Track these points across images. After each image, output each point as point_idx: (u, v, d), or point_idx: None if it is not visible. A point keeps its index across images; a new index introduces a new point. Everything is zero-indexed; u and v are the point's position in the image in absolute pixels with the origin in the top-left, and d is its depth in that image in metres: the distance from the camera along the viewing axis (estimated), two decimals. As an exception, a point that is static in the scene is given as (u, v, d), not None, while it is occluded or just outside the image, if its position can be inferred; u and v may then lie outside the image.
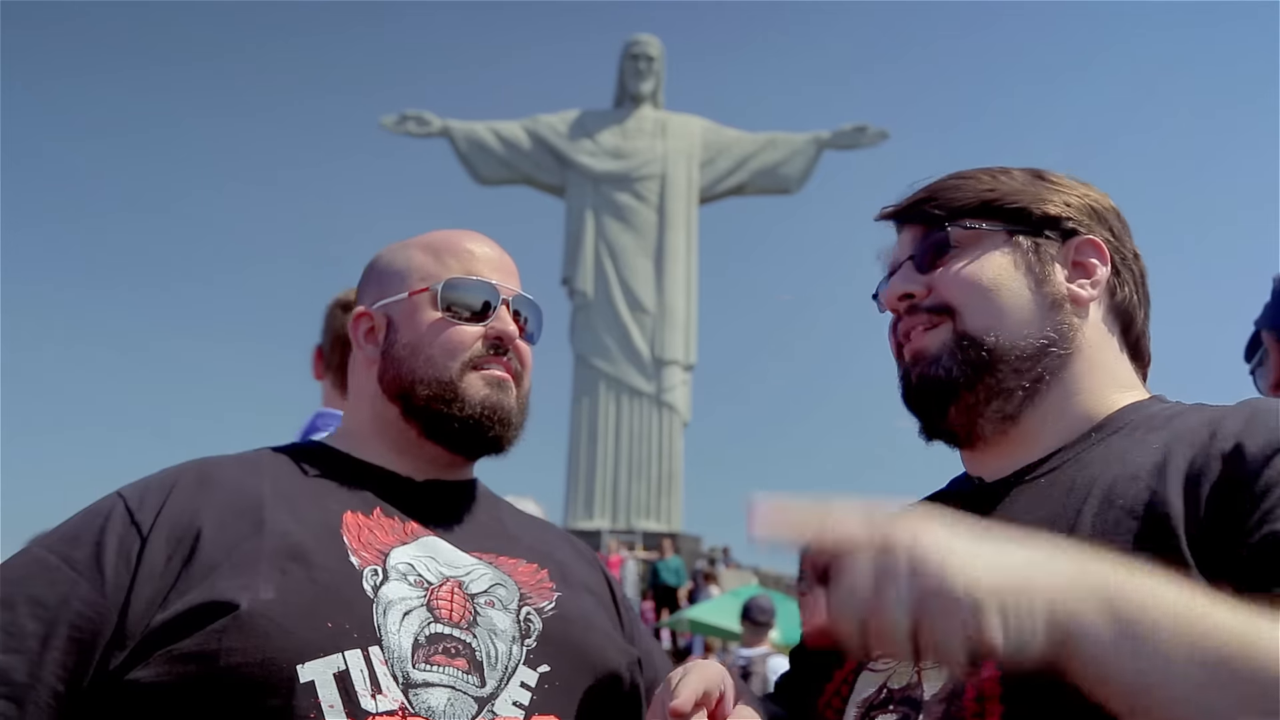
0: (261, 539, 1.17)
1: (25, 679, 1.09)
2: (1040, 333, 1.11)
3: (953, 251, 1.15)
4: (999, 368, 1.10)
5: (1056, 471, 1.06)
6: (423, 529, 1.29)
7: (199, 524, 1.18)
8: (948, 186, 1.19)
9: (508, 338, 1.35)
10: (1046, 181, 1.19)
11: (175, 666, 1.08)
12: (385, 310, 1.39)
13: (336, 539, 1.21)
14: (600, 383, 23.82)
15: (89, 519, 1.21)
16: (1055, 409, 1.11)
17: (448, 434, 1.33)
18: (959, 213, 1.16)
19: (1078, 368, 1.12)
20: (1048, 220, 1.15)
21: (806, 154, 25.30)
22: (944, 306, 1.13)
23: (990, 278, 1.13)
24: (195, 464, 1.30)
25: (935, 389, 1.12)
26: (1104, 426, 1.09)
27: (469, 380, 1.32)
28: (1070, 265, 1.15)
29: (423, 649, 1.15)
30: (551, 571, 1.36)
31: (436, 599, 1.20)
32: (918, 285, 1.16)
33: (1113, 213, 1.19)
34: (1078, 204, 1.17)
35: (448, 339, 1.33)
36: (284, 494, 1.25)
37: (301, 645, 1.10)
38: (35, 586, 1.14)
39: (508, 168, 25.23)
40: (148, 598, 1.13)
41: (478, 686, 1.16)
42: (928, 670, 1.00)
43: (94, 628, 1.12)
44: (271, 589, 1.12)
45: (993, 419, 1.11)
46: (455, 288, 1.36)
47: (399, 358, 1.35)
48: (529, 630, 1.25)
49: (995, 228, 1.15)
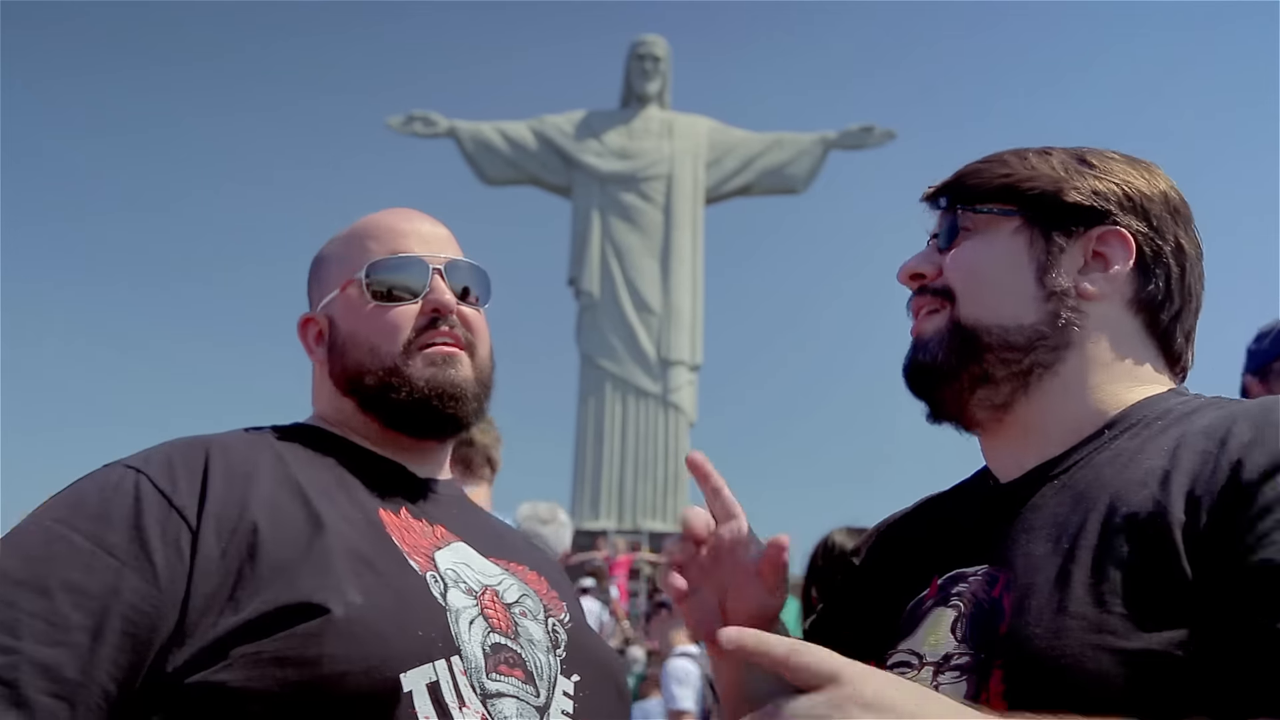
0: (325, 537, 1.13)
1: (77, 676, 1.01)
2: (1033, 325, 1.09)
3: (963, 234, 1.14)
4: (986, 356, 1.08)
5: (1069, 473, 1.04)
6: (449, 534, 1.28)
7: (251, 517, 1.13)
8: (976, 169, 1.17)
9: (444, 308, 1.31)
10: (1085, 164, 1.14)
11: (267, 670, 1.03)
12: (326, 311, 1.36)
13: (386, 540, 1.18)
14: (606, 383, 23.80)
15: (111, 496, 1.12)
16: (1055, 403, 1.09)
17: (403, 419, 1.30)
18: (977, 196, 1.14)
19: (1078, 362, 1.09)
20: (1068, 208, 1.11)
21: (813, 154, 25.24)
22: (947, 290, 1.13)
23: (990, 265, 1.11)
24: (213, 444, 1.22)
25: (924, 373, 1.13)
26: (1116, 424, 1.06)
27: (413, 362, 1.29)
28: (1089, 256, 1.11)
29: (490, 659, 1.14)
30: (549, 580, 1.36)
31: (486, 608, 1.19)
32: (930, 266, 1.15)
33: (1160, 199, 1.13)
34: (1110, 191, 1.11)
35: (384, 324, 1.30)
36: (317, 485, 1.21)
37: (402, 654, 1.07)
38: (69, 571, 1.05)
39: (514, 168, 25.21)
40: (208, 593, 1.07)
41: (535, 697, 1.15)
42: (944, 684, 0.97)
43: (150, 623, 1.05)
44: (358, 593, 1.08)
45: (982, 406, 1.10)
46: (379, 270, 1.32)
47: (344, 353, 1.33)
48: (558, 641, 1.25)
49: (1007, 212, 1.12)
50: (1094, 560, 0.93)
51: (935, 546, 1.12)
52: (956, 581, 1.05)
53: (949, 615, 1.02)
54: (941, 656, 1.00)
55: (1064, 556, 0.95)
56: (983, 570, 1.03)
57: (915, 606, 1.07)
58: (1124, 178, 1.13)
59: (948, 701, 0.87)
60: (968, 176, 1.16)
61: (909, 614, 1.08)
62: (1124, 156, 1.16)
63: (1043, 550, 0.98)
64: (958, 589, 1.04)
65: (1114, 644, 0.87)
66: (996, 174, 1.14)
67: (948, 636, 1.01)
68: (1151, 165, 1.17)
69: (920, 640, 1.03)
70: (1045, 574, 0.95)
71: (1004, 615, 0.96)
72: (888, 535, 1.27)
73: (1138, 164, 1.16)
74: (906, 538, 1.21)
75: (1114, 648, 0.87)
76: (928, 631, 1.03)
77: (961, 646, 0.99)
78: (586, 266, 24.17)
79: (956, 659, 0.98)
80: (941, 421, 1.15)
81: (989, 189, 1.14)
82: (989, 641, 0.96)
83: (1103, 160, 1.15)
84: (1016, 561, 0.99)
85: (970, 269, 1.12)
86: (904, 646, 1.05)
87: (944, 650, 1.00)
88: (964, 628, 1.00)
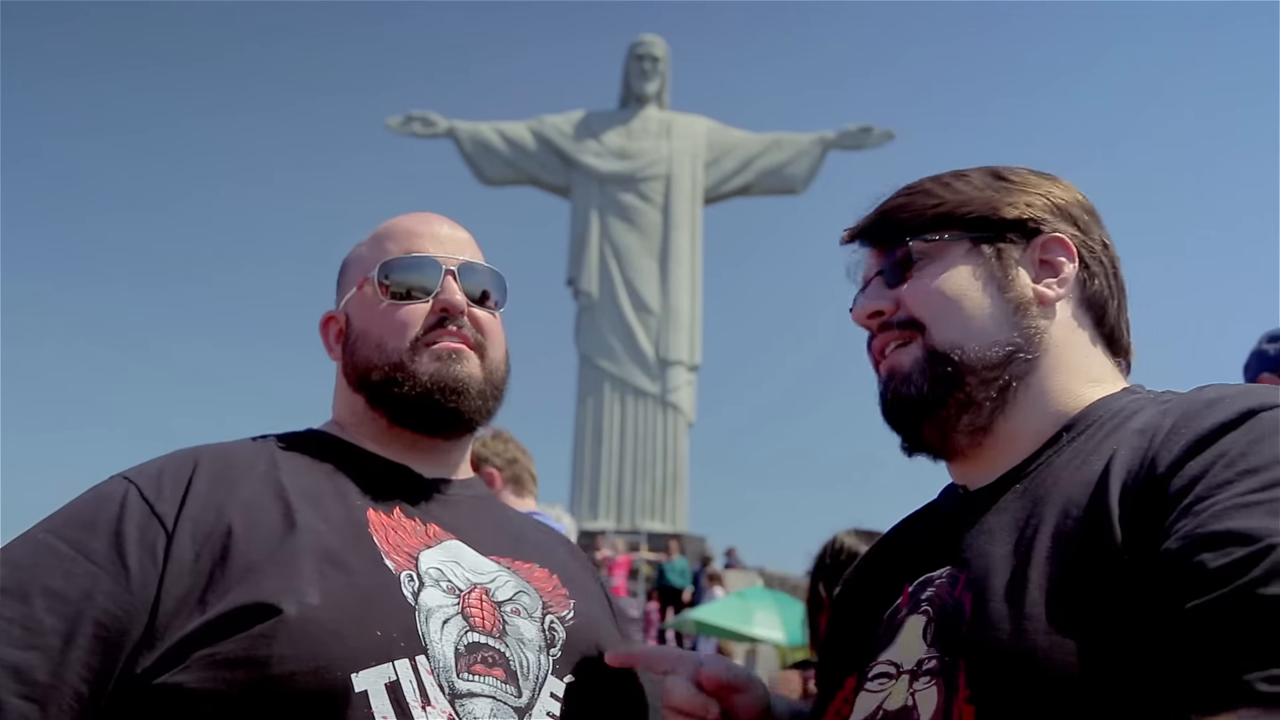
0: (296, 538, 1.13)
1: (47, 678, 1.03)
2: (1007, 339, 1.10)
3: (916, 265, 1.15)
4: (967, 380, 1.09)
5: (1030, 477, 1.06)
6: (444, 532, 1.27)
7: (227, 520, 1.14)
8: (905, 201, 1.19)
9: (453, 307, 1.31)
10: (1005, 181, 1.18)
11: (220, 672, 1.03)
12: (345, 309, 1.38)
13: (367, 540, 1.18)
14: (605, 383, 23.81)
15: (99, 505, 1.15)
16: (1025, 412, 1.10)
17: (407, 413, 1.30)
18: (920, 226, 1.16)
19: (1045, 368, 1.11)
20: (1009, 224, 1.14)
21: (812, 154, 25.27)
22: (912, 321, 1.14)
23: (954, 289, 1.13)
24: (206, 452, 1.25)
25: (908, 407, 1.13)
26: (1073, 426, 1.08)
27: (418, 358, 1.29)
28: (1037, 265, 1.14)
29: (464, 658, 1.13)
30: (562, 577, 1.34)
31: (469, 607, 1.18)
32: (886, 301, 1.16)
33: (1078, 205, 1.18)
34: (1039, 202, 1.15)
35: (394, 320, 1.31)
36: (305, 489, 1.22)
37: (355, 654, 1.06)
38: (50, 577, 1.08)
39: (513, 168, 25.23)
40: (179, 596, 1.08)
41: (515, 697, 1.14)
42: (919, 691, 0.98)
43: (121, 626, 1.06)
44: (316, 593, 1.08)
45: (965, 432, 1.11)
46: (392, 268, 1.33)
47: (355, 349, 1.34)
48: (554, 639, 1.23)
49: (957, 237, 1.14)
50: (1047, 561, 0.94)
51: (906, 557, 1.14)
52: (925, 587, 1.06)
53: (920, 621, 1.03)
54: (915, 663, 1.01)
55: (1020, 558, 0.97)
56: (946, 572, 1.05)
57: (891, 616, 1.09)
58: (1045, 189, 1.17)
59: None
60: (895, 211, 1.18)
61: (886, 624, 1.09)
62: (1032, 171, 1.20)
63: (1001, 551, 1.00)
64: (925, 594, 1.05)
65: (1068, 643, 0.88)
66: (927, 204, 1.16)
67: (919, 642, 1.02)
68: (1057, 177, 1.21)
69: (898, 650, 1.05)
70: (1002, 575, 0.97)
71: (965, 615, 0.97)
72: (871, 557, 1.29)
73: (1048, 176, 1.20)
74: (885, 557, 1.24)
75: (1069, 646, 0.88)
76: (903, 641, 1.04)
77: (931, 651, 1.00)
78: (585, 267, 24.17)
79: (927, 664, 0.99)
80: (918, 453, 1.16)
81: (925, 219, 1.16)
82: (953, 642, 0.97)
83: (1018, 176, 1.19)
84: (974, 562, 1.01)
85: (936, 296, 1.13)
86: (884, 658, 1.06)
87: (918, 656, 1.01)
88: (932, 632, 1.01)
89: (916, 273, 1.15)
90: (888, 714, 1.01)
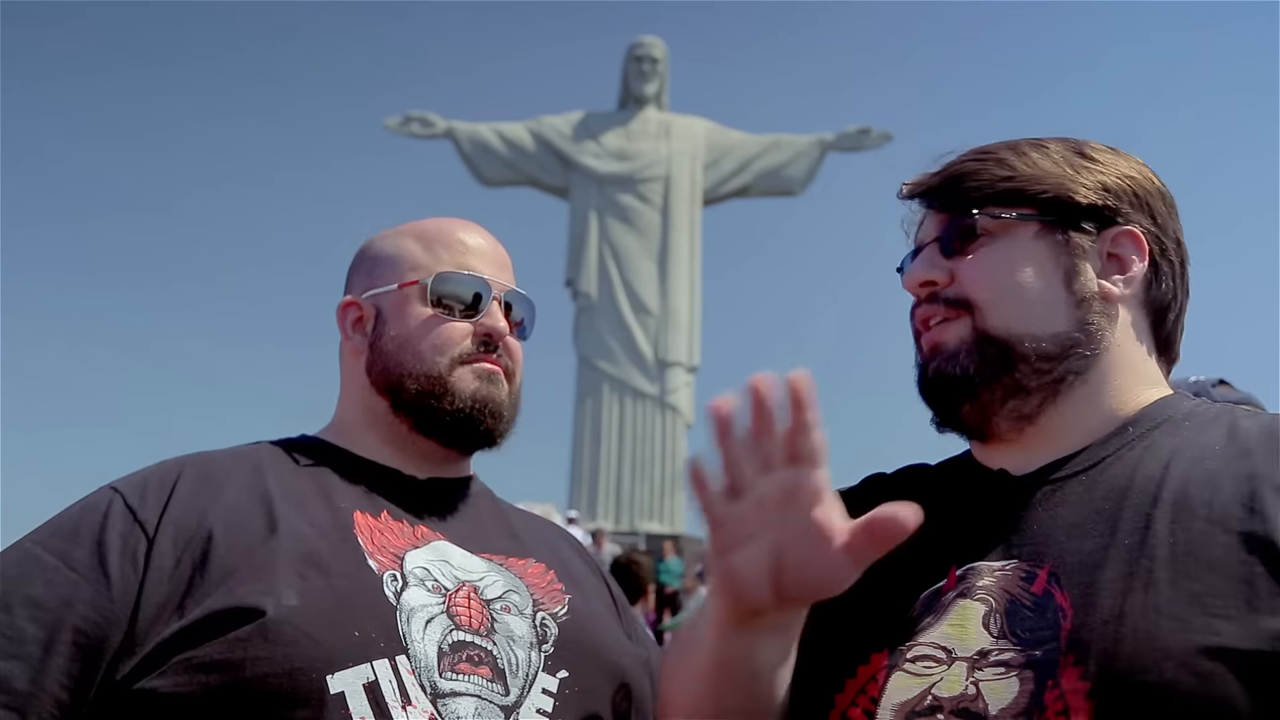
0: (277, 541, 1.13)
1: (27, 687, 1.04)
2: (1066, 333, 1.05)
3: (979, 240, 1.09)
4: (1020, 367, 1.05)
5: (1097, 469, 1.02)
6: (432, 533, 1.27)
7: (209, 525, 1.14)
8: (976, 167, 1.11)
9: (497, 334, 1.33)
10: (1086, 159, 1.10)
11: (196, 676, 1.04)
12: (374, 301, 1.36)
13: (351, 541, 1.18)
14: (604, 384, 23.78)
15: (84, 514, 1.16)
16: (1078, 409, 1.06)
17: (439, 427, 1.30)
18: (988, 198, 1.09)
19: (1103, 367, 1.07)
20: (1083, 210, 1.07)
21: (810, 156, 25.25)
22: (964, 300, 1.08)
23: (1015, 274, 1.07)
24: (193, 459, 1.26)
25: (951, 385, 1.07)
26: (1139, 421, 1.04)
27: (458, 374, 1.30)
28: (1105, 258, 1.08)
29: (447, 657, 1.12)
30: (559, 572, 1.34)
31: (455, 605, 1.18)
32: (941, 272, 1.10)
33: (1157, 194, 1.11)
34: (1117, 187, 1.09)
35: (437, 335, 1.31)
36: (290, 492, 1.22)
37: (331, 655, 1.06)
38: (32, 586, 1.09)
39: (511, 169, 25.20)
40: (159, 602, 1.08)
41: (502, 695, 1.14)
42: (986, 681, 0.94)
43: (101, 633, 1.07)
44: (294, 595, 1.09)
45: (1009, 417, 1.07)
46: (446, 282, 1.33)
47: (387, 351, 1.32)
48: (545, 635, 1.23)
49: (1027, 217, 1.08)
50: (1172, 558, 0.91)
51: (949, 535, 1.06)
52: (980, 575, 1.01)
53: (977, 609, 0.99)
54: (976, 652, 0.96)
55: (1131, 553, 0.93)
56: (1010, 565, 1.00)
57: (932, 598, 1.04)
58: (1125, 171, 1.10)
59: None
60: (966, 176, 1.11)
61: (924, 605, 1.04)
62: (1115, 151, 1.13)
63: (1090, 546, 0.96)
64: (982, 583, 1.01)
65: (1216, 644, 0.85)
66: (998, 175, 1.09)
67: (980, 631, 0.97)
68: (1140, 160, 1.14)
69: (945, 634, 1.00)
70: (1109, 570, 0.93)
71: (1064, 613, 0.93)
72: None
73: (1128, 158, 1.13)
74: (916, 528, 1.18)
75: (1216, 647, 0.85)
76: (954, 625, 1.00)
77: (1002, 643, 0.95)
78: (584, 268, 24.15)
79: (997, 655, 0.95)
80: (950, 430, 1.12)
81: (995, 192, 1.09)
82: (1044, 639, 0.93)
83: (1100, 154, 1.11)
84: (1060, 558, 0.97)
85: (995, 279, 1.07)
86: (925, 640, 1.00)
87: (978, 646, 0.96)
88: (1000, 623, 0.97)
89: (978, 248, 1.09)
90: (940, 700, 0.96)
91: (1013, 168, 1.09)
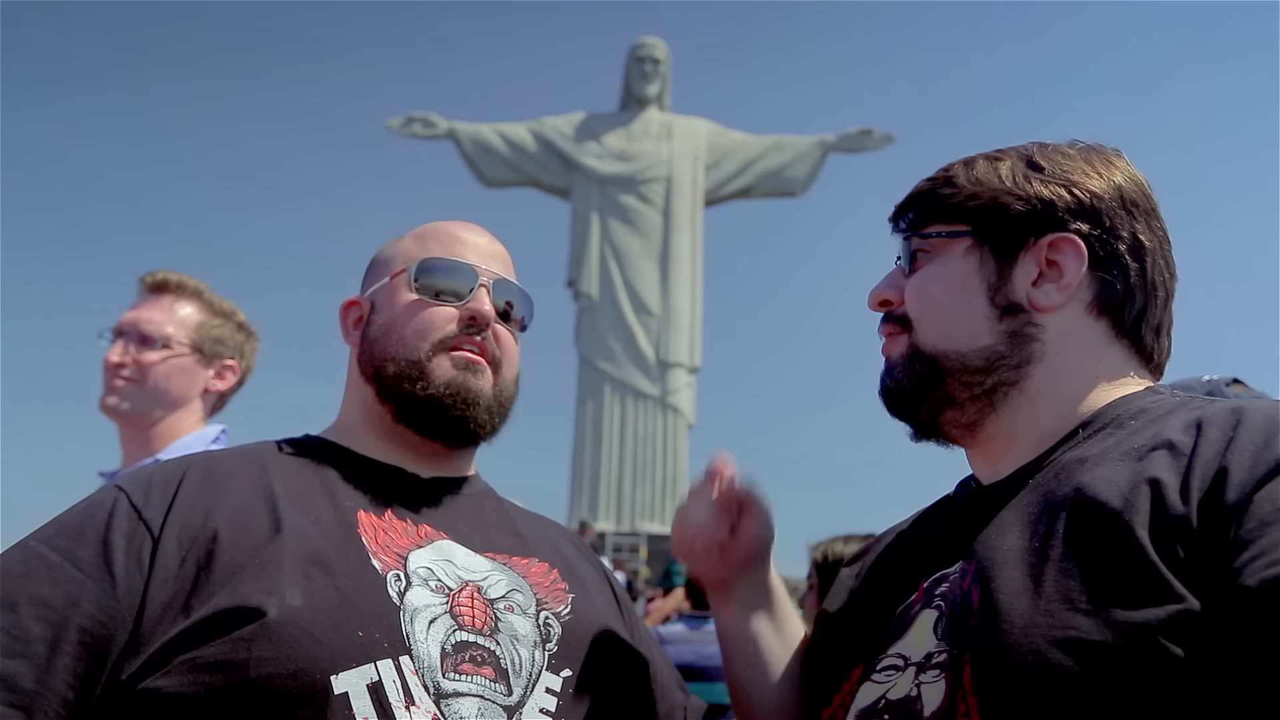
0: (281, 541, 1.14)
1: (33, 686, 1.04)
2: (990, 347, 1.08)
3: (920, 259, 1.14)
4: (948, 381, 1.10)
5: (1042, 473, 1.04)
6: (435, 532, 1.27)
7: (214, 524, 1.14)
8: (928, 187, 1.16)
9: (481, 318, 1.32)
10: (1034, 167, 1.11)
11: (200, 676, 1.04)
12: (371, 296, 1.38)
13: (355, 541, 1.18)
14: (605, 385, 23.79)
15: (90, 513, 1.16)
16: (1023, 414, 1.08)
17: (413, 414, 1.30)
18: (932, 216, 1.14)
19: (1044, 374, 1.08)
20: (1014, 220, 1.09)
21: (812, 157, 25.25)
22: (905, 318, 1.14)
23: (942, 291, 1.12)
24: (198, 458, 1.26)
25: (893, 398, 1.15)
26: (1089, 424, 1.06)
27: (437, 361, 1.30)
28: (1044, 265, 1.09)
29: (450, 658, 1.12)
30: (562, 571, 1.34)
31: (458, 605, 1.18)
32: (894, 292, 1.17)
33: (1112, 197, 1.10)
34: (1057, 195, 1.09)
35: (420, 319, 1.31)
36: (295, 492, 1.22)
37: (334, 655, 1.06)
38: (38, 586, 1.09)
39: (513, 170, 25.21)
40: (164, 601, 1.09)
41: (505, 695, 1.14)
42: (926, 684, 0.98)
43: (106, 633, 1.07)
44: (298, 595, 1.09)
45: (954, 425, 1.12)
46: (430, 267, 1.34)
47: (374, 338, 1.34)
48: (549, 635, 1.23)
49: (956, 233, 1.12)
50: (1061, 557, 0.92)
51: (921, 553, 1.13)
52: (939, 583, 1.05)
53: (932, 616, 1.03)
54: (923, 656, 1.00)
55: (1033, 553, 0.95)
56: (958, 567, 1.04)
57: (904, 612, 1.08)
58: (1074, 178, 1.10)
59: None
60: (920, 196, 1.16)
61: (898, 620, 1.08)
62: (1081, 149, 1.13)
63: (1010, 545, 0.98)
64: (940, 590, 1.04)
65: (1078, 637, 0.87)
66: (943, 194, 1.14)
67: (929, 636, 1.01)
68: (1111, 155, 1.13)
69: (908, 643, 1.04)
70: (1013, 569, 0.95)
71: (973, 608, 0.96)
72: (882, 549, 1.28)
73: (1094, 156, 1.13)
74: (898, 550, 1.23)
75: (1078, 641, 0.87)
76: (914, 634, 1.04)
77: (941, 644, 0.99)
78: (585, 268, 24.16)
79: (936, 657, 0.98)
80: (923, 439, 1.16)
81: (940, 210, 1.14)
82: (961, 636, 0.97)
83: (1054, 159, 1.12)
84: (985, 556, 1.00)
85: (924, 296, 1.13)
86: (893, 650, 1.05)
87: (926, 650, 1.00)
88: (943, 626, 1.00)
89: (921, 267, 1.14)
90: (890, 703, 1.00)
91: (956, 186, 1.13)
